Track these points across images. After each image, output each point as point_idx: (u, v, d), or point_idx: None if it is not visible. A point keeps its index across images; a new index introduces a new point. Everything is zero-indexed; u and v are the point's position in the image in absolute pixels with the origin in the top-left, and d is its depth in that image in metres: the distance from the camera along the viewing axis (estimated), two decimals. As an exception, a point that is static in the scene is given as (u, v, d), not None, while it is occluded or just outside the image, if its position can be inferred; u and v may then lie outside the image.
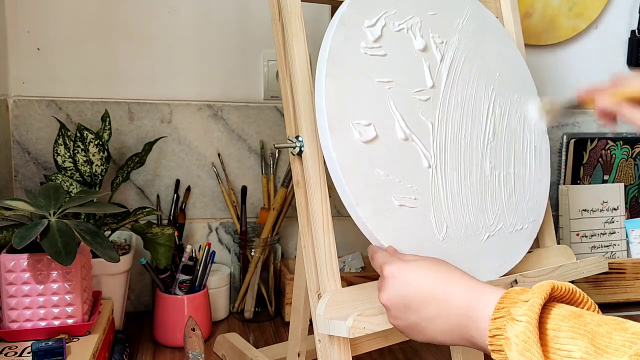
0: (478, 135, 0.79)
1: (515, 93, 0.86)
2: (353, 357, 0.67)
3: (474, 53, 0.82)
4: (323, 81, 0.66)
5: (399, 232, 0.69)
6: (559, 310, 0.47)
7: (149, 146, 1.07)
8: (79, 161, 1.00)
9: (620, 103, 0.72)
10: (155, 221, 1.11)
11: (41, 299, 0.82)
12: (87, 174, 1.01)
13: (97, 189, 1.02)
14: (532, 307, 0.47)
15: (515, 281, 0.77)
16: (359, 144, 0.67)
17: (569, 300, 0.50)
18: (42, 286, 0.81)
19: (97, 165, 1.01)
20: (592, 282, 1.17)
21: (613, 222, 1.27)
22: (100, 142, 1.00)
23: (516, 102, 0.86)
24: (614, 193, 1.27)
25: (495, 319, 0.50)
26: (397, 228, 0.69)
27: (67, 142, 1.01)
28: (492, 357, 0.50)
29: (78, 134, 0.99)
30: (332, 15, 0.72)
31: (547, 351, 0.45)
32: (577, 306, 0.50)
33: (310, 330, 0.72)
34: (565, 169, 1.30)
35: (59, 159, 1.00)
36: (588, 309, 0.50)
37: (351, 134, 0.67)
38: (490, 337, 0.50)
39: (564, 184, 1.30)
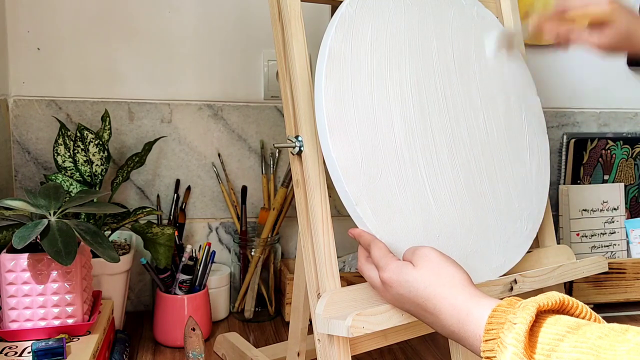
0: (478, 135, 0.79)
1: (514, 92, 0.86)
2: (353, 356, 0.67)
3: (474, 53, 0.82)
4: (322, 81, 0.66)
5: (398, 232, 0.69)
6: (556, 329, 0.47)
7: (149, 146, 1.07)
8: (79, 161, 1.00)
9: (570, 29, 0.77)
10: (155, 221, 1.11)
11: (41, 298, 0.82)
12: (87, 174, 1.01)
13: (97, 189, 1.02)
14: (517, 335, 0.47)
15: (515, 281, 0.77)
16: (358, 144, 0.67)
17: (559, 309, 0.50)
18: (42, 286, 0.81)
19: (97, 165, 1.01)
20: (592, 282, 1.17)
21: (613, 222, 1.27)
22: (100, 142, 1.01)
23: (515, 101, 0.85)
24: (614, 193, 1.27)
25: (486, 340, 0.50)
26: (396, 228, 0.69)
27: (67, 142, 1.01)
28: None
29: (78, 134, 0.99)
30: (332, 15, 0.72)
31: None
32: (570, 314, 0.50)
33: (310, 330, 0.72)
34: (565, 169, 1.30)
35: (59, 158, 1.00)
36: (581, 315, 0.50)
37: (351, 134, 0.67)
38: (485, 357, 0.50)
39: (564, 183, 1.30)
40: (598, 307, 1.18)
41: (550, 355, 0.45)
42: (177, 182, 1.16)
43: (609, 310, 1.18)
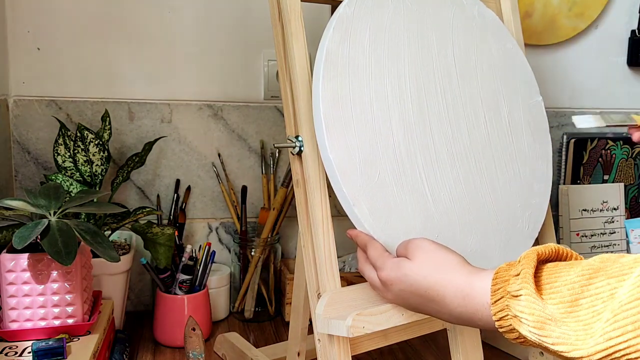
0: (478, 135, 0.79)
1: (516, 92, 0.86)
2: (353, 356, 0.67)
3: (475, 52, 0.82)
4: (320, 82, 0.66)
5: (396, 232, 0.69)
6: (558, 269, 0.48)
7: (149, 146, 1.07)
8: (79, 161, 1.00)
9: None
10: (155, 221, 1.11)
11: (41, 298, 0.82)
12: (87, 174, 1.01)
13: (97, 189, 1.02)
14: (525, 278, 0.48)
15: (515, 281, 0.77)
16: (356, 145, 0.67)
17: (555, 259, 0.52)
18: (42, 286, 0.81)
19: (97, 165, 1.01)
20: (592, 282, 1.17)
21: (613, 222, 1.27)
22: (101, 142, 1.01)
23: (517, 101, 0.85)
24: (614, 193, 1.27)
25: (495, 302, 0.51)
26: (395, 228, 0.69)
27: (67, 142, 1.01)
28: (505, 337, 0.51)
29: (78, 134, 0.99)
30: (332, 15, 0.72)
31: (569, 306, 0.45)
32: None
33: (310, 330, 0.72)
34: (565, 168, 1.30)
35: (59, 158, 1.00)
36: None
37: (348, 135, 0.67)
38: (496, 320, 0.51)
39: (564, 183, 1.30)
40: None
41: (561, 290, 0.46)
42: (177, 182, 1.16)
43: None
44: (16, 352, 0.79)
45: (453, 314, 0.56)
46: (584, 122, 0.83)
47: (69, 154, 1.01)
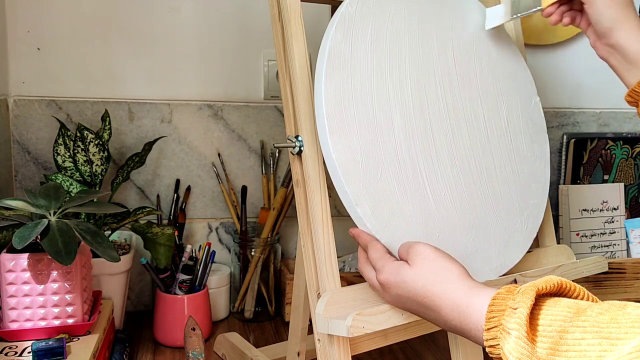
0: (478, 135, 0.79)
1: (515, 93, 0.86)
2: (353, 356, 0.67)
3: (474, 52, 0.82)
4: (322, 81, 0.66)
5: (398, 232, 0.69)
6: (557, 310, 0.47)
7: (149, 146, 1.07)
8: (79, 161, 1.00)
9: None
10: (155, 221, 1.11)
11: (41, 298, 0.82)
12: (87, 174, 1.01)
13: (97, 189, 1.02)
14: (519, 319, 0.47)
15: (515, 281, 0.77)
16: (358, 144, 0.67)
17: (557, 293, 0.51)
18: (42, 286, 0.81)
19: (97, 165, 1.01)
20: (592, 282, 1.17)
21: (613, 222, 1.27)
22: (100, 142, 1.01)
23: (516, 101, 0.86)
24: (614, 193, 1.27)
25: (488, 329, 0.51)
26: (396, 228, 0.69)
27: (67, 141, 1.01)
28: None
29: (78, 134, 0.99)
30: (332, 15, 0.72)
31: (557, 354, 0.45)
32: (568, 297, 0.50)
33: (310, 330, 0.72)
34: (565, 168, 1.30)
35: (59, 158, 1.00)
36: (579, 297, 0.50)
37: (351, 134, 0.67)
38: (488, 347, 0.51)
39: (564, 183, 1.30)
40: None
41: (553, 336, 0.45)
42: (177, 182, 1.16)
43: (609, 310, 1.17)
44: (16, 352, 0.79)
45: (448, 325, 0.57)
46: (493, 20, 0.83)
47: (69, 154, 1.01)
